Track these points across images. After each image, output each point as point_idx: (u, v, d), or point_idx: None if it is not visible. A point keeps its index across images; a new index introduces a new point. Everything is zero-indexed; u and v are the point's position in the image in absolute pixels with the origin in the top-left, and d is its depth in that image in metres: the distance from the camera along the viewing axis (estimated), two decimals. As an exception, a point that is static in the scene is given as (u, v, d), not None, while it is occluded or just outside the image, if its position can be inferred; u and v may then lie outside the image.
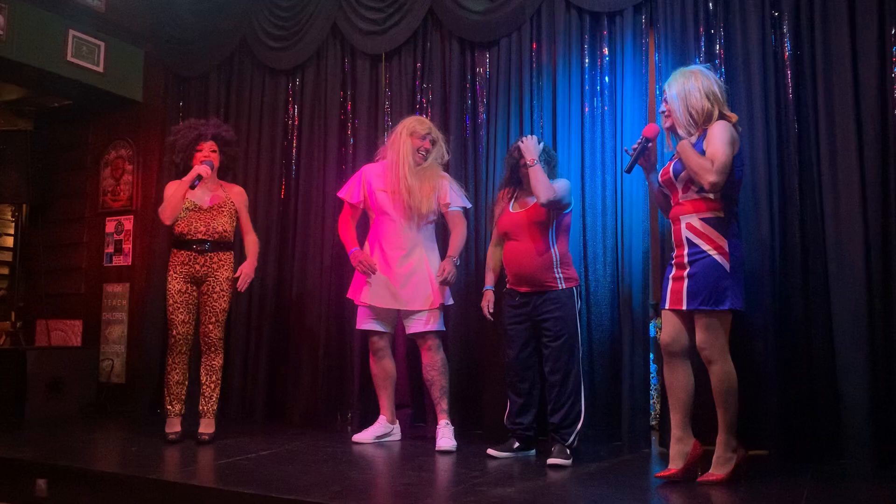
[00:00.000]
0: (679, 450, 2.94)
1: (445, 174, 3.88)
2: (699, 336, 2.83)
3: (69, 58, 4.87)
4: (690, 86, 2.91)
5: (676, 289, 2.88)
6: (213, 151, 3.88)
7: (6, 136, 5.43)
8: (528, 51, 4.16)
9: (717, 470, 2.84)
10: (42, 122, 5.86)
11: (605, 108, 3.95)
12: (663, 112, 3.02)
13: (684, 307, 2.84)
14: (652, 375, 4.07)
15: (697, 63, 3.65)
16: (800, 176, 3.46)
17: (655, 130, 3.07)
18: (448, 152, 3.92)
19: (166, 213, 3.77)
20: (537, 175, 3.34)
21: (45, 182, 5.57)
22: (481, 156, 4.27)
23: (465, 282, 4.14)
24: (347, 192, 3.91)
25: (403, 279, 3.70)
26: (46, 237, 5.64)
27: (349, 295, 3.91)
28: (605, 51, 3.98)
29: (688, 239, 2.87)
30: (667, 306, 2.93)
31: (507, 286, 3.55)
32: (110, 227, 5.44)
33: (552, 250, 3.41)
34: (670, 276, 2.95)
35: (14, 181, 5.36)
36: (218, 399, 3.84)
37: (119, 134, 5.46)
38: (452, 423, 3.76)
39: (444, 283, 3.69)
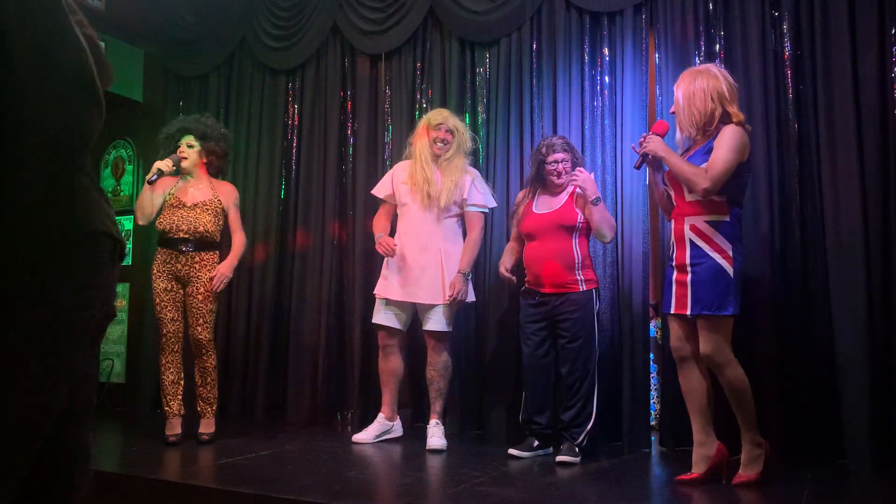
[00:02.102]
0: (701, 454, 2.88)
1: (472, 169, 3.81)
2: (703, 342, 2.79)
3: (69, 58, 4.87)
4: (696, 87, 2.87)
5: (680, 293, 2.84)
6: (190, 147, 3.78)
7: (6, 136, 5.43)
8: (528, 51, 4.16)
9: (749, 470, 2.79)
10: (42, 122, 5.86)
11: (605, 108, 3.95)
12: (673, 113, 2.99)
13: (688, 312, 2.80)
14: (652, 375, 4.07)
15: (697, 61, 3.68)
16: (800, 176, 3.46)
17: (665, 127, 3.01)
18: (471, 141, 3.85)
19: (136, 212, 3.74)
20: (604, 213, 3.39)
21: (45, 182, 5.56)
22: (481, 156, 4.26)
23: (471, 281, 4.13)
24: (377, 188, 3.91)
25: (419, 272, 3.66)
26: (46, 237, 5.63)
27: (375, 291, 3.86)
28: (605, 51, 3.98)
29: (690, 240, 2.83)
30: (672, 311, 2.88)
31: (526, 286, 3.54)
32: (110, 226, 5.44)
33: (575, 252, 3.40)
34: (673, 278, 2.90)
35: (14, 181, 5.36)
36: (216, 399, 3.82)
37: (119, 134, 5.47)
38: (453, 422, 3.74)
39: (453, 301, 3.61)
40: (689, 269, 2.82)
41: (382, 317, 3.77)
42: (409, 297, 3.68)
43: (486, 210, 3.77)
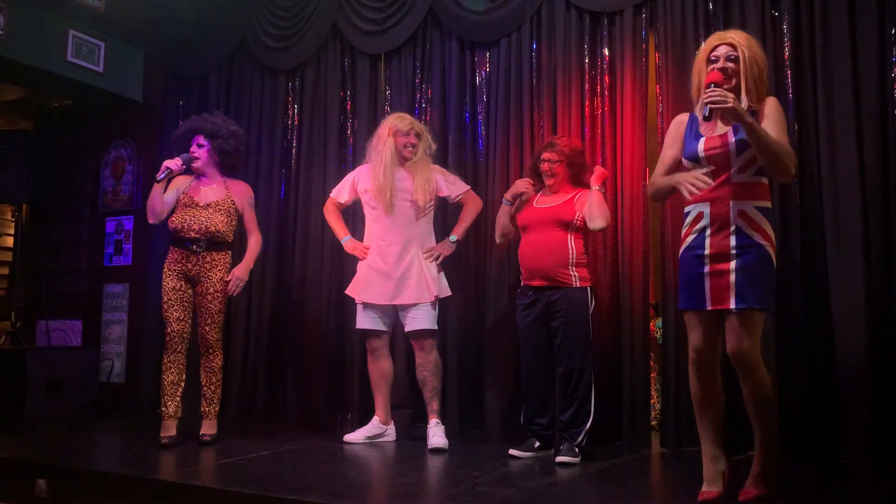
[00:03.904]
0: (716, 469, 2.55)
1: (436, 166, 3.90)
2: (740, 340, 2.40)
3: (69, 58, 4.87)
4: (758, 51, 2.51)
5: (720, 285, 2.43)
6: (200, 146, 3.78)
7: (6, 136, 5.42)
8: (528, 51, 4.16)
9: (759, 487, 2.49)
10: (42, 122, 5.85)
11: (605, 108, 3.94)
12: (725, 70, 2.50)
13: (732, 306, 2.40)
14: (652, 375, 4.07)
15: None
16: (800, 176, 3.46)
17: (721, 77, 2.48)
18: (434, 142, 3.92)
19: (147, 211, 3.74)
20: (602, 200, 3.41)
21: (45, 182, 5.56)
22: (481, 156, 4.27)
23: (465, 279, 4.14)
24: (337, 191, 3.98)
25: (401, 275, 3.69)
26: (46, 237, 5.64)
27: (347, 291, 3.90)
28: (605, 51, 3.97)
29: (738, 227, 2.43)
30: (708, 306, 2.46)
31: (521, 283, 3.55)
32: (110, 227, 5.44)
33: (569, 247, 3.41)
34: (705, 271, 2.47)
35: (14, 181, 5.36)
36: (219, 400, 3.82)
37: (119, 134, 5.46)
38: (453, 422, 3.73)
39: (437, 256, 3.71)
40: (733, 257, 2.43)
41: (368, 321, 3.79)
42: (394, 299, 3.70)
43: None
